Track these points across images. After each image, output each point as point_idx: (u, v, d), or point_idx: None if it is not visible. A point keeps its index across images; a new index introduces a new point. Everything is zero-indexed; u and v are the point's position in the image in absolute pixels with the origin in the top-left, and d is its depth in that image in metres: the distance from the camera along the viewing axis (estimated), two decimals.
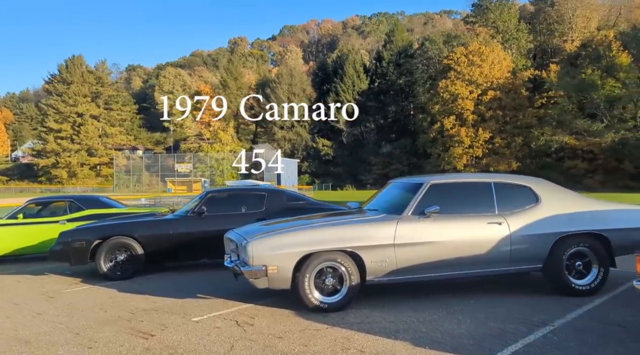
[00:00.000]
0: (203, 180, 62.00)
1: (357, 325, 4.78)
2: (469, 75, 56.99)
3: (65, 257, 7.95)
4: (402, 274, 5.23)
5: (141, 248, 7.85)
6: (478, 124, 56.71)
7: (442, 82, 58.34)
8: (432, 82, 65.11)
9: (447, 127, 57.14)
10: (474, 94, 57.03)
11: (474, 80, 56.95)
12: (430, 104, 60.08)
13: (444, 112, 58.01)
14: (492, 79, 56.67)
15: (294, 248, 5.13)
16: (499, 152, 56.45)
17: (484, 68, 56.67)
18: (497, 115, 56.43)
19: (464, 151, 56.66)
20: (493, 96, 56.19)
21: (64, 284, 7.76)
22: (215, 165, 69.53)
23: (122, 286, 7.30)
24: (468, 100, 56.71)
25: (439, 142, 59.10)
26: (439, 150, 59.31)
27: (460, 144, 56.35)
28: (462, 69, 57.25)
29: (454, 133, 56.82)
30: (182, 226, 8.07)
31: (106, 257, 7.77)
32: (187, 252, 8.08)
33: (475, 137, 56.16)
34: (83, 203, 10.42)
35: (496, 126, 56.59)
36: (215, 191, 8.78)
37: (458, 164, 56.85)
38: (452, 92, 57.17)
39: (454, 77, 57.61)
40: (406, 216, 5.34)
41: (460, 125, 56.91)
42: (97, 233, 7.93)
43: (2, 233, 9.90)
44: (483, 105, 56.78)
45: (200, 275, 7.89)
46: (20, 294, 7.13)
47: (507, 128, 56.51)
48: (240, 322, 5.05)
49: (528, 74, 58.90)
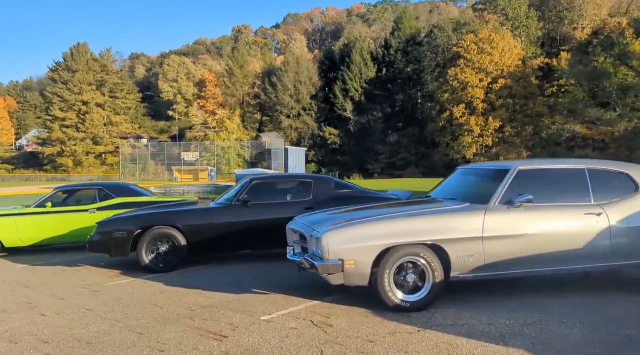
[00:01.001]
0: (210, 169, 61.53)
1: (452, 328, 4.37)
2: (479, 63, 56.26)
3: (105, 248, 7.59)
4: (490, 270, 4.81)
5: (184, 239, 7.45)
6: (488, 113, 56.09)
7: (451, 70, 57.61)
8: (441, 71, 64.34)
9: (457, 115, 56.50)
10: (484, 82, 56.33)
11: (484, 69, 56.23)
12: (440, 92, 59.39)
13: (454, 100, 57.37)
14: (502, 67, 55.94)
15: (374, 241, 4.72)
16: (509, 141, 55.91)
17: (494, 56, 55.93)
18: (508, 104, 55.77)
19: (473, 140, 56.12)
20: (504, 84, 55.49)
21: (103, 276, 7.41)
22: (221, 154, 69.09)
23: (168, 279, 6.94)
24: (478, 88, 56.02)
25: (448, 131, 58.50)
26: (448, 139, 58.73)
27: (470, 133, 55.78)
28: (472, 56, 56.51)
29: (463, 122, 56.22)
30: (227, 216, 7.66)
31: (148, 249, 7.39)
32: (231, 243, 7.69)
33: (485, 126, 55.58)
34: (113, 191, 10.03)
35: (506, 115, 55.97)
36: (259, 178, 8.34)
37: (467, 153, 56.36)
38: (461, 81, 56.47)
39: (463, 65, 56.89)
40: (494, 206, 4.91)
41: (470, 113, 56.29)
42: (138, 223, 7.54)
43: (31, 222, 9.56)
44: (493, 93, 56.10)
45: (245, 268, 7.51)
46: (61, 287, 6.77)
47: (518, 117, 55.89)
48: (317, 322, 4.66)
49: (538, 62, 58.18)
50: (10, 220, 9.46)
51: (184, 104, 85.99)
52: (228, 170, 66.66)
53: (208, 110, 79.06)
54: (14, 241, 9.51)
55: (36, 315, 5.36)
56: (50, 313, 5.43)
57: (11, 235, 9.44)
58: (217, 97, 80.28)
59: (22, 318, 5.28)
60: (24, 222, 9.50)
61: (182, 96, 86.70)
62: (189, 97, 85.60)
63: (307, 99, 70.72)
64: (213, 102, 79.90)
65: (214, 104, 79.65)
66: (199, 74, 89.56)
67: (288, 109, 70.59)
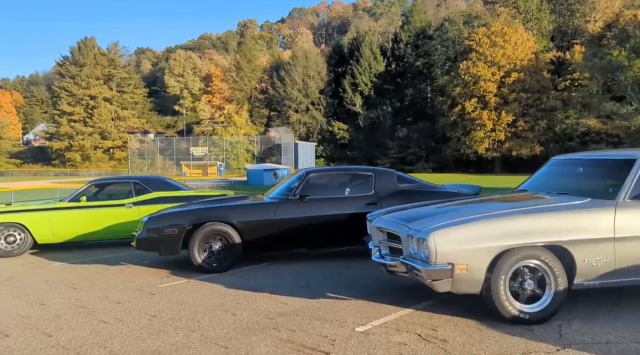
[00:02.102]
0: (219, 164, 60.98)
1: (595, 346, 3.77)
2: (491, 57, 55.39)
3: (155, 246, 7.02)
4: (620, 275, 4.24)
5: (239, 236, 6.87)
6: (500, 107, 55.25)
7: (463, 63, 56.73)
8: (452, 64, 63.54)
9: (469, 110, 55.65)
10: (496, 76, 55.47)
11: (497, 62, 55.36)
12: (451, 86, 58.57)
13: (465, 94, 56.54)
14: (515, 60, 55.08)
15: (490, 241, 4.15)
16: (522, 135, 55.09)
17: (507, 49, 55.06)
18: (521, 98, 54.91)
19: (485, 135, 55.32)
20: (517, 78, 54.60)
21: (153, 276, 6.89)
22: (229, 149, 68.52)
23: (226, 280, 6.40)
24: (490, 82, 55.17)
25: (459, 126, 57.69)
26: (459, 133, 57.93)
27: (482, 128, 54.97)
28: (484, 50, 55.65)
29: (475, 116, 55.38)
30: (284, 211, 7.07)
31: (200, 247, 6.81)
32: (288, 241, 7.13)
33: (497, 120, 54.76)
34: (149, 184, 9.49)
35: (519, 109, 55.13)
36: (314, 171, 7.75)
37: (479, 147, 55.63)
38: (473, 74, 55.60)
39: (475, 58, 56.01)
40: (623, 201, 4.34)
41: (482, 108, 55.45)
42: (190, 218, 6.94)
43: (65, 217, 9.02)
44: (506, 87, 55.23)
45: (304, 268, 6.96)
46: (112, 288, 6.25)
47: (531, 111, 55.06)
48: (426, 336, 4.11)
49: (550, 55, 57.38)
50: (43, 215, 8.94)
51: (190, 99, 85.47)
52: (236, 165, 66.12)
53: (215, 104, 78.52)
54: (47, 237, 9.00)
55: (96, 322, 4.84)
56: (111, 320, 4.91)
57: (44, 231, 8.92)
58: (223, 92, 79.73)
59: (82, 325, 4.77)
60: (57, 216, 8.98)
61: (188, 91, 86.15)
62: (195, 91, 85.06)
63: (316, 94, 70.00)
64: (219, 97, 79.36)
65: (220, 99, 79.10)
66: (205, 68, 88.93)
67: (296, 103, 69.88)
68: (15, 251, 8.77)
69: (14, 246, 8.79)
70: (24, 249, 8.86)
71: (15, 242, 8.81)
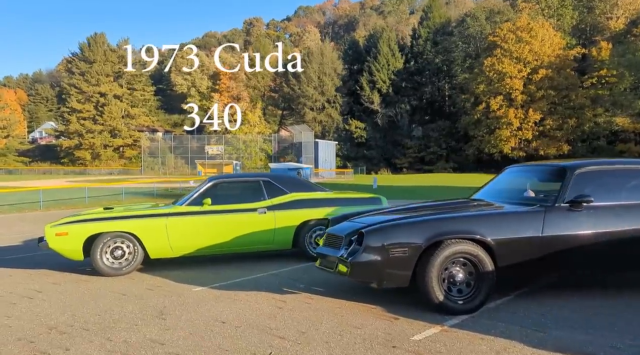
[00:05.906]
0: (235, 163, 59.27)
1: None
2: (517, 53, 53.92)
3: (373, 273, 4.73)
4: None
5: (491, 260, 4.72)
6: (527, 105, 53.81)
7: (487, 60, 55.20)
8: (472, 61, 62.08)
9: (494, 108, 54.17)
10: (523, 73, 54.00)
11: (523, 58, 53.90)
12: (474, 83, 57.03)
13: (490, 91, 55.05)
14: (542, 56, 53.57)
15: None
16: (549, 134, 53.65)
17: (533, 45, 53.57)
18: (548, 95, 53.42)
19: (512, 133, 53.88)
20: (544, 75, 53.11)
21: (366, 316, 4.60)
22: (243, 148, 66.89)
23: (496, 329, 4.17)
24: (517, 79, 53.70)
25: (484, 124, 56.22)
26: (483, 132, 56.47)
27: (509, 126, 53.51)
28: (510, 46, 54.17)
29: (501, 114, 53.90)
30: (556, 224, 4.87)
31: (439, 275, 4.64)
32: (556, 266, 4.98)
33: (524, 119, 53.31)
34: (283, 184, 7.56)
35: (547, 107, 53.68)
36: (588, 164, 5.35)
37: (505, 147, 54.20)
38: (498, 71, 54.11)
39: (500, 54, 54.52)
40: None
41: (508, 105, 54.00)
42: (425, 233, 4.71)
43: (185, 225, 6.95)
44: (533, 84, 53.76)
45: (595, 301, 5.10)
46: (315, 336, 4.35)
47: (559, 109, 53.60)
48: None
49: (574, 52, 55.87)
50: (159, 223, 6.84)
51: (198, 97, 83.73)
52: (251, 164, 64.49)
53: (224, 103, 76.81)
54: (163, 250, 6.93)
55: None
56: None
57: (160, 242, 6.83)
58: (231, 90, 78.00)
59: None
60: (177, 224, 6.89)
61: (196, 89, 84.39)
62: (203, 90, 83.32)
63: (332, 91, 68.44)
64: (227, 95, 77.65)
65: (228, 97, 77.39)
66: (213, 66, 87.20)
67: (312, 101, 68.31)
68: (124, 268, 6.72)
69: (122, 262, 6.74)
70: (133, 266, 6.79)
71: (124, 256, 6.74)
